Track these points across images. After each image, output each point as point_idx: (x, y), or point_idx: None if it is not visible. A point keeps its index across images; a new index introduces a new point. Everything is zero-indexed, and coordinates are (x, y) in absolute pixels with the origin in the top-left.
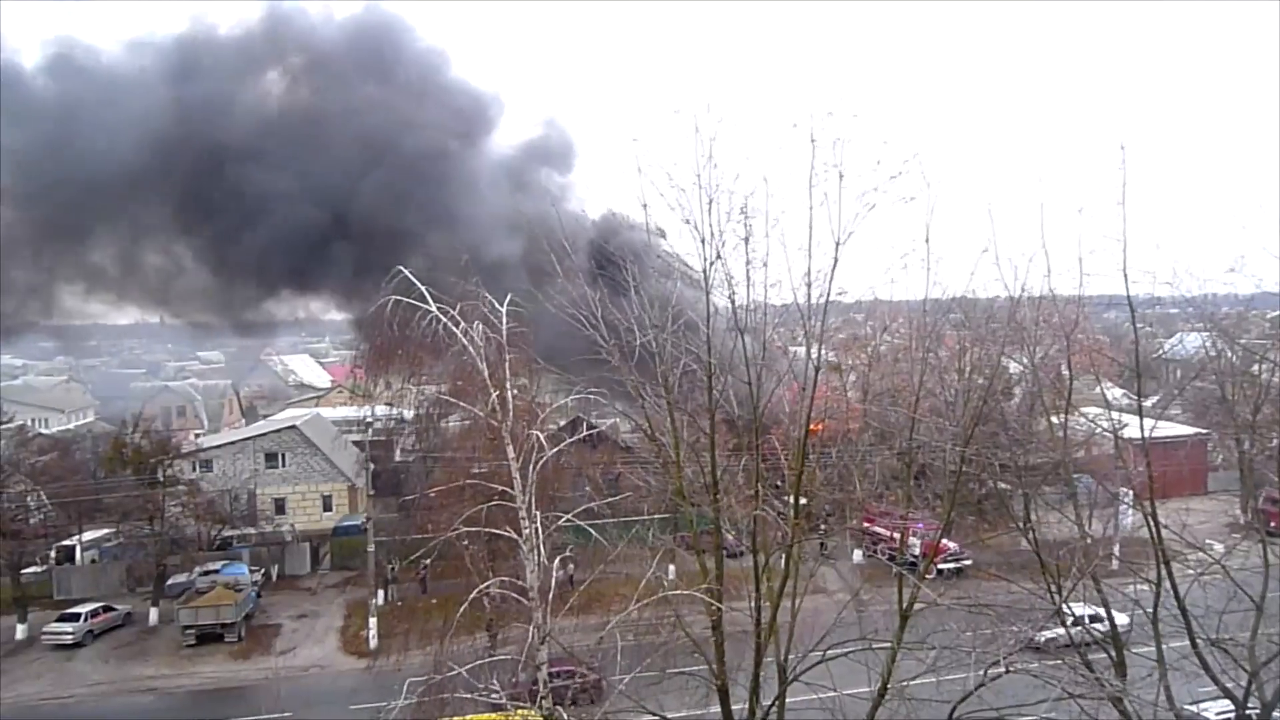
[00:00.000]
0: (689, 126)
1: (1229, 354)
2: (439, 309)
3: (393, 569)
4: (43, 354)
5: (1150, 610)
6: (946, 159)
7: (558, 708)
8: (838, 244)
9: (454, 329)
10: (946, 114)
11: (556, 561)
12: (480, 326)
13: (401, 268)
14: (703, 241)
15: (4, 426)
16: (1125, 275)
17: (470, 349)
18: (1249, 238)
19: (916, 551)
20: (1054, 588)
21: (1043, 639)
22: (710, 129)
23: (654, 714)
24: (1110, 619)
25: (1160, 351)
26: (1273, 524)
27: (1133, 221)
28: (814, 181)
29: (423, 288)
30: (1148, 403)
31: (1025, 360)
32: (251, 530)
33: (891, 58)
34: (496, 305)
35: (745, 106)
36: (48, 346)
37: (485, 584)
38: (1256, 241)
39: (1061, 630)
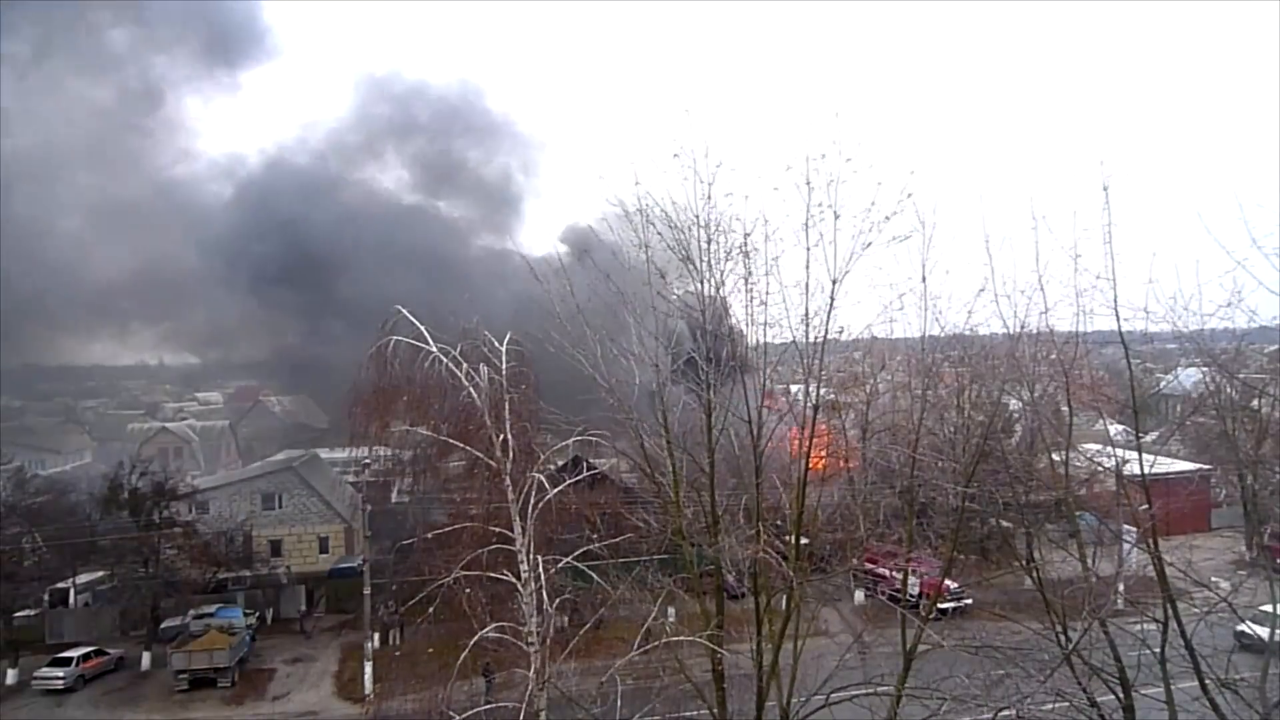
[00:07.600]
0: (688, 169)
1: (1228, 389)
2: (440, 349)
3: (391, 612)
4: (41, 394)
5: (1157, 650)
6: (945, 178)
7: None
8: (834, 283)
9: (456, 370)
10: (945, 132)
11: (556, 605)
12: (484, 368)
13: (400, 308)
14: (702, 281)
15: (2, 468)
16: (1117, 313)
17: (472, 390)
18: (1244, 273)
19: (915, 591)
20: (1059, 628)
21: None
22: (708, 172)
23: None
24: (1118, 660)
25: (1158, 388)
26: (1279, 560)
27: (1128, 256)
28: (810, 223)
29: (422, 328)
30: (1149, 438)
31: (1025, 396)
32: (247, 572)
33: (888, 71)
34: (496, 344)
35: (735, 134)
36: (46, 387)
37: (483, 630)
38: (1252, 276)
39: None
